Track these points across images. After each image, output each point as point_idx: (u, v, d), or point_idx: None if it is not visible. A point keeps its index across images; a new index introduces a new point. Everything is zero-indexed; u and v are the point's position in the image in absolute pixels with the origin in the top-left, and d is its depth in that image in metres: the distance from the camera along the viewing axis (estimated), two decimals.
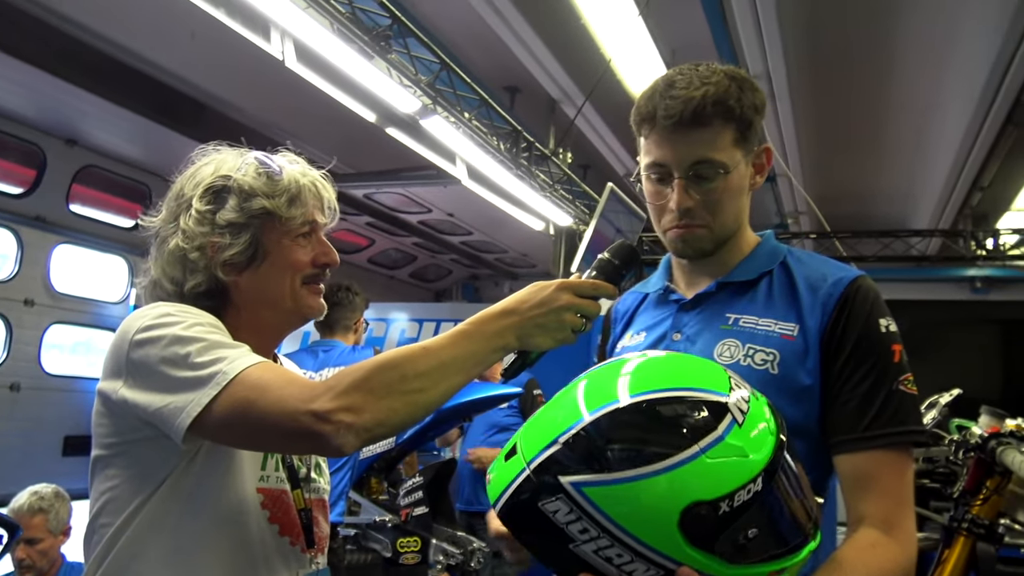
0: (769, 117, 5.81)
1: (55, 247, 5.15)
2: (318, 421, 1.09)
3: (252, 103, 5.03)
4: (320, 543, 1.42)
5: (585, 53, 5.02)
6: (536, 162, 5.70)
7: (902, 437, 1.22)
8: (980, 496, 2.56)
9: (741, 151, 1.29)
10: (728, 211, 1.32)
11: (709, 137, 1.26)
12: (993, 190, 7.18)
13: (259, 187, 1.34)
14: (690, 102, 1.23)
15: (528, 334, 1.18)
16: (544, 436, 1.02)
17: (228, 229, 1.33)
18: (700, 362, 1.10)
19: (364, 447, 1.20)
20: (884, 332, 1.26)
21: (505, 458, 1.06)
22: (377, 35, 3.79)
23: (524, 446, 1.04)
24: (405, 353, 1.16)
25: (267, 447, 1.28)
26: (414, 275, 9.23)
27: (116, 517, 1.25)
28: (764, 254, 1.38)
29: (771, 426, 1.01)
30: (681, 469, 0.94)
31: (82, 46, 4.17)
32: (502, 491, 1.03)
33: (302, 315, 1.42)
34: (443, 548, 3.88)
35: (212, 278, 1.34)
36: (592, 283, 1.22)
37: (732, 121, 1.26)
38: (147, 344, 1.20)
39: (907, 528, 1.20)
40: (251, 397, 1.13)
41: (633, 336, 1.46)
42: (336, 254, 1.44)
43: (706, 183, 1.28)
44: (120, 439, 1.26)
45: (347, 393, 1.10)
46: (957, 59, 5.23)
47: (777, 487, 0.98)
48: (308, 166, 1.45)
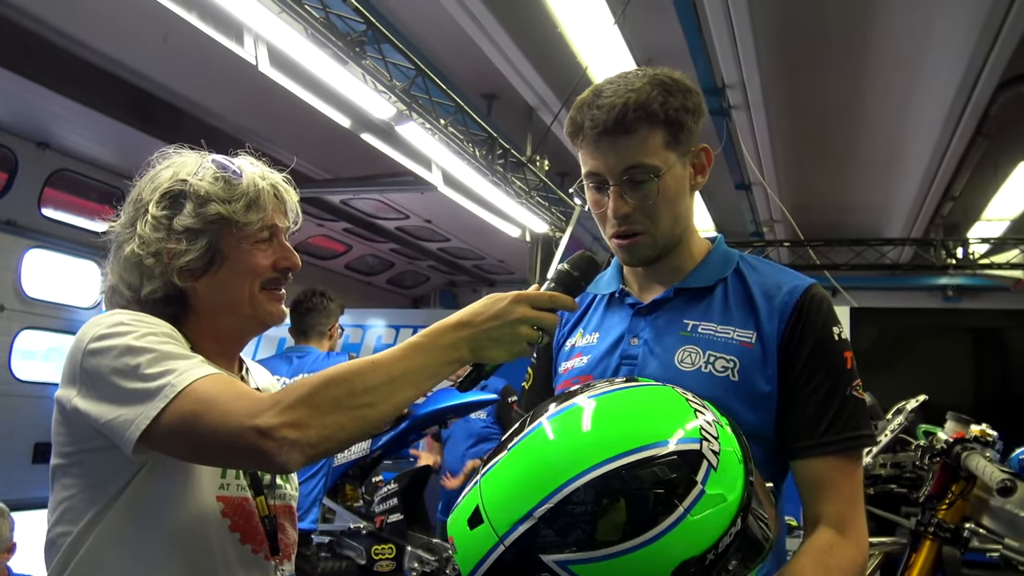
0: (744, 126, 5.89)
1: (26, 251, 5.09)
2: (261, 437, 1.07)
3: (228, 108, 5.01)
4: (286, 550, 1.41)
5: (562, 61, 5.04)
6: (512, 169, 5.71)
7: (855, 442, 1.27)
8: (946, 500, 2.60)
9: (675, 153, 1.30)
10: (667, 214, 1.32)
11: (636, 143, 1.27)
12: (964, 200, 7.27)
13: (216, 192, 1.33)
14: (612, 110, 1.26)
15: (482, 347, 1.17)
16: (514, 506, 0.97)
17: (184, 235, 1.31)
18: (659, 395, 1.07)
19: (309, 464, 1.17)
20: (837, 340, 1.29)
21: (469, 524, 1.00)
22: (352, 40, 3.78)
23: (491, 514, 0.99)
24: (353, 368, 1.14)
25: (213, 461, 1.25)
26: (391, 281, 9.21)
27: (74, 526, 1.24)
28: (718, 260, 1.40)
29: (735, 449, 1.00)
30: (669, 535, 0.92)
31: (54, 48, 4.14)
32: (475, 565, 0.99)
33: (261, 321, 1.40)
34: (418, 555, 3.88)
35: (169, 284, 1.32)
36: (549, 295, 1.21)
37: (658, 125, 1.28)
38: (99, 354, 1.19)
39: (859, 527, 1.25)
40: (197, 411, 1.11)
41: (585, 336, 1.45)
42: (297, 258, 1.42)
43: (640, 188, 1.29)
44: (76, 448, 1.25)
45: (292, 408, 1.08)
46: (929, 72, 5.31)
47: (753, 515, 0.98)
48: (269, 169, 1.43)
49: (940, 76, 5.21)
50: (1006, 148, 6.11)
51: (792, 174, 7.19)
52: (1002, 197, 7.33)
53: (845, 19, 4.96)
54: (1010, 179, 6.86)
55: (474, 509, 1.01)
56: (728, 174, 6.78)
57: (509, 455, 1.04)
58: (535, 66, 5.16)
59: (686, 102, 1.30)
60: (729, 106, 5.61)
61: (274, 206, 1.39)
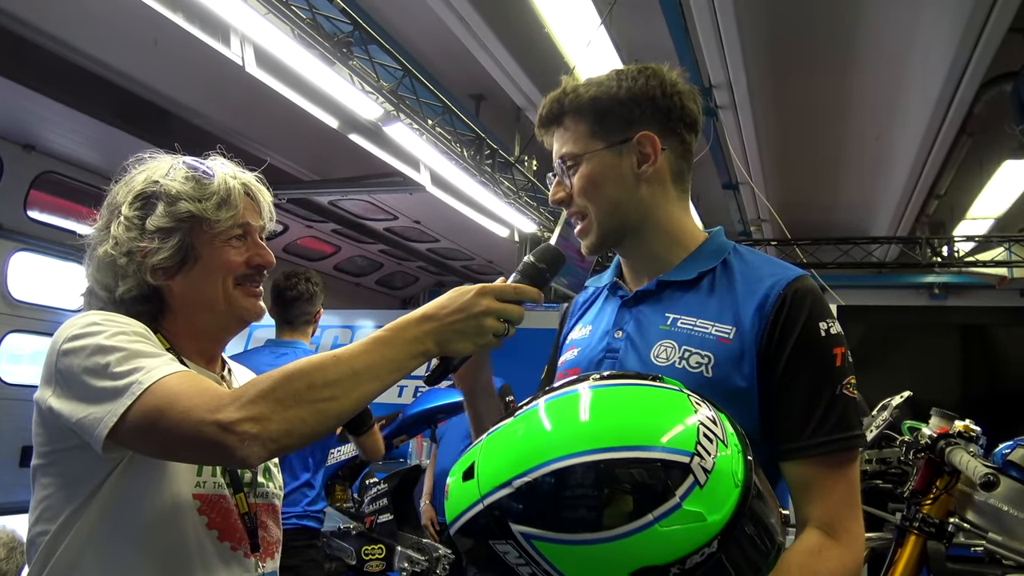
0: (731, 126, 5.92)
1: (12, 254, 5.06)
2: (222, 432, 1.07)
3: (215, 109, 4.99)
4: (268, 548, 1.41)
5: (549, 61, 5.05)
6: (500, 169, 5.72)
7: (845, 443, 1.20)
8: (930, 496, 2.62)
9: (602, 141, 1.32)
10: (599, 200, 1.33)
11: (562, 133, 1.36)
12: (949, 198, 7.34)
13: (186, 191, 1.34)
14: (543, 107, 1.37)
15: (447, 340, 1.17)
16: (501, 470, 0.99)
17: (157, 234, 1.32)
18: (659, 397, 1.04)
19: (272, 458, 1.17)
20: (823, 335, 1.22)
21: (463, 476, 1.03)
22: (338, 41, 3.78)
23: (481, 471, 1.01)
24: (315, 362, 1.14)
25: (177, 457, 1.23)
26: (380, 282, 9.20)
27: (51, 525, 1.24)
28: (708, 252, 1.36)
29: (735, 472, 0.97)
30: (632, 538, 0.92)
31: (39, 50, 4.12)
32: (457, 515, 1.02)
33: (238, 317, 1.40)
34: (408, 555, 3.87)
35: (143, 283, 1.33)
36: (514, 287, 1.22)
37: (581, 115, 1.33)
38: (72, 354, 1.20)
39: (853, 529, 1.19)
40: (161, 407, 1.12)
41: (582, 329, 1.46)
42: (271, 256, 1.43)
43: (568, 175, 1.35)
44: (52, 447, 1.25)
45: (253, 403, 1.09)
46: (913, 71, 5.35)
47: (735, 540, 0.95)
48: (240, 169, 1.44)
49: (924, 76, 5.26)
50: (990, 146, 6.17)
51: (779, 173, 7.24)
52: (987, 195, 7.40)
53: (831, 20, 5.00)
54: (994, 177, 6.92)
55: (470, 464, 1.04)
56: (716, 174, 6.81)
57: (512, 423, 1.06)
58: (522, 66, 5.18)
59: (618, 92, 1.32)
60: (716, 106, 5.64)
61: (246, 204, 1.40)
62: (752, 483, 0.97)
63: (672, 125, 1.34)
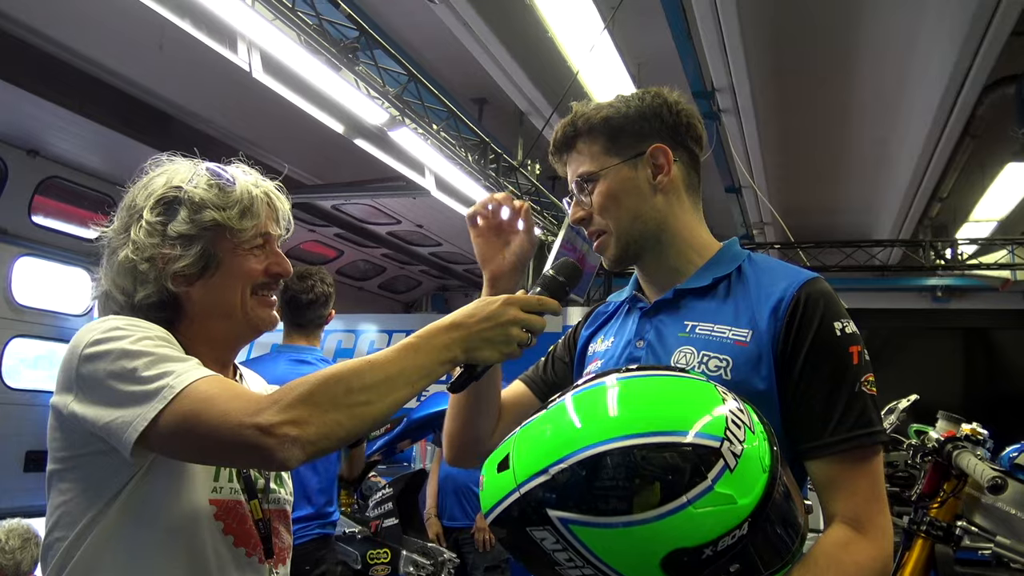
0: (733, 130, 5.93)
1: (16, 259, 5.07)
2: (262, 435, 1.08)
3: (219, 114, 5.00)
4: (280, 554, 1.42)
5: (552, 65, 5.07)
6: (504, 173, 5.73)
7: (866, 439, 1.22)
8: (938, 499, 2.62)
9: (617, 157, 1.38)
10: (619, 214, 1.39)
11: (576, 156, 1.42)
12: (952, 201, 7.35)
13: (210, 199, 1.34)
14: (556, 133, 1.43)
15: (475, 347, 1.20)
16: (536, 459, 1.02)
17: (179, 241, 1.33)
18: (687, 386, 1.08)
19: (309, 461, 1.18)
20: (839, 335, 1.25)
21: (498, 468, 1.06)
22: (344, 47, 3.80)
23: (516, 462, 1.04)
24: (351, 367, 1.16)
25: (213, 460, 1.26)
26: (383, 286, 9.20)
27: (70, 531, 1.24)
28: (723, 260, 1.40)
29: (762, 457, 1.00)
30: (667, 520, 0.95)
31: (44, 56, 4.13)
32: (493, 505, 1.05)
33: (253, 327, 1.41)
34: (413, 559, 3.87)
35: (162, 289, 1.33)
36: (538, 299, 1.26)
37: (595, 134, 1.39)
38: (96, 359, 1.20)
39: (880, 524, 1.21)
40: (197, 410, 1.13)
41: (604, 342, 1.49)
42: (289, 265, 1.44)
43: (589, 193, 1.41)
44: (72, 453, 1.25)
45: (292, 407, 1.10)
46: (915, 74, 5.36)
47: (763, 526, 0.98)
48: (262, 177, 1.45)
49: (927, 79, 5.26)
50: (993, 149, 6.17)
51: (781, 177, 7.24)
52: (989, 198, 7.41)
53: (833, 23, 5.01)
54: (997, 180, 6.93)
55: (505, 455, 1.07)
56: (718, 178, 6.82)
57: (545, 415, 1.10)
58: (526, 71, 5.19)
59: (627, 110, 1.39)
60: (719, 110, 5.65)
61: (267, 213, 1.41)
62: (779, 470, 1.01)
63: (680, 138, 1.41)
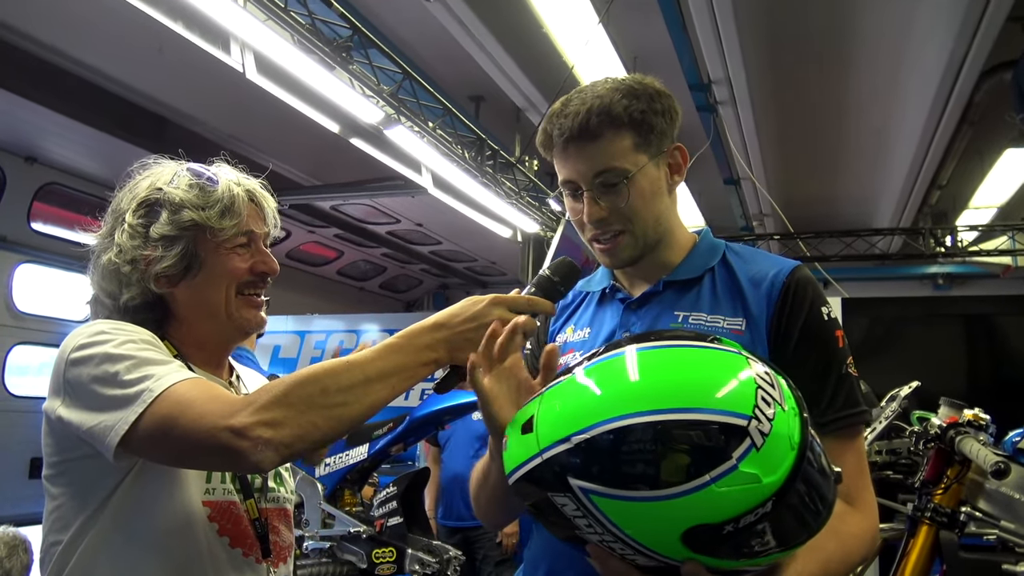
0: (731, 121, 5.91)
1: (17, 266, 5.09)
2: (235, 437, 1.07)
3: (216, 117, 5.01)
4: (280, 553, 1.41)
5: (548, 61, 5.06)
6: (501, 170, 5.73)
7: (854, 419, 1.28)
8: (941, 485, 2.62)
9: (645, 155, 1.32)
10: (645, 215, 1.34)
11: (603, 147, 1.30)
12: (951, 188, 7.32)
13: (190, 199, 1.34)
14: (576, 118, 1.29)
15: (458, 348, 1.17)
16: (560, 424, 1.01)
17: (160, 242, 1.33)
18: (714, 358, 1.05)
19: (283, 463, 1.17)
20: (827, 319, 1.30)
21: (522, 429, 1.05)
22: (338, 46, 3.79)
23: (540, 426, 1.03)
24: (328, 367, 1.14)
25: (191, 463, 1.24)
26: (384, 286, 9.22)
27: (64, 535, 1.25)
28: (704, 251, 1.41)
29: (791, 434, 0.98)
30: (688, 497, 0.94)
31: (40, 62, 4.13)
32: (516, 466, 1.04)
33: (239, 327, 1.40)
34: (419, 558, 3.86)
35: (146, 291, 1.33)
36: (527, 299, 1.22)
37: (624, 128, 1.30)
38: (81, 363, 1.20)
39: (867, 498, 1.27)
40: (174, 414, 1.12)
41: (577, 332, 1.47)
42: (275, 263, 1.43)
43: (613, 191, 1.31)
44: (62, 457, 1.26)
45: (266, 408, 1.09)
46: (912, 62, 5.35)
47: (788, 503, 0.97)
48: (245, 176, 1.44)
49: (924, 65, 5.25)
50: (991, 135, 6.15)
51: (780, 168, 7.23)
52: (989, 184, 7.38)
53: (829, 12, 5.00)
54: (996, 166, 6.91)
55: (530, 418, 1.05)
56: (717, 169, 6.81)
57: (570, 380, 1.07)
58: (521, 67, 5.18)
59: (653, 104, 1.32)
60: (716, 102, 5.64)
61: (250, 212, 1.40)
62: (808, 444, 0.99)
63: (676, 134, 1.39)
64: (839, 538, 1.18)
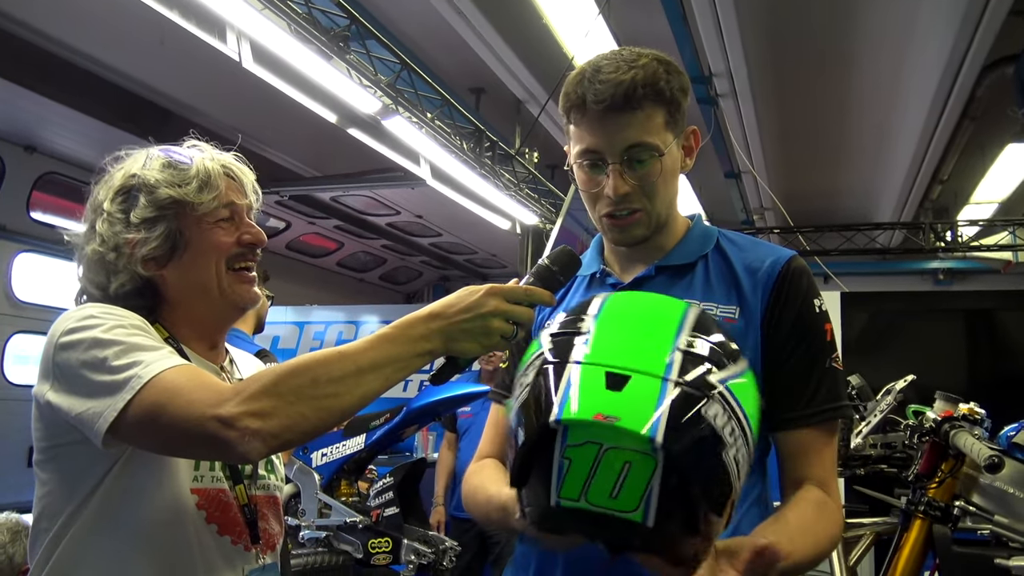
0: (732, 115, 5.90)
1: (16, 255, 5.09)
2: (223, 427, 1.06)
3: (216, 108, 5.01)
4: (269, 540, 1.41)
5: (548, 53, 5.04)
6: (500, 161, 5.72)
7: (835, 412, 1.29)
8: (935, 479, 2.61)
9: (672, 133, 1.29)
10: (663, 195, 1.32)
11: (641, 120, 1.25)
12: (952, 183, 7.30)
13: (165, 179, 1.33)
14: (620, 85, 1.22)
15: (454, 339, 1.14)
16: (650, 351, 0.93)
17: (142, 225, 1.32)
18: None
19: (272, 454, 1.15)
20: (818, 312, 1.31)
21: (612, 388, 0.89)
22: (335, 35, 3.78)
23: (635, 363, 0.91)
24: (319, 357, 1.12)
25: (178, 452, 1.23)
26: (384, 278, 9.22)
27: (53, 522, 1.24)
28: (697, 237, 1.39)
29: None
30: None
31: (40, 52, 4.13)
32: (652, 417, 0.86)
33: (232, 303, 1.39)
34: (414, 548, 3.88)
35: (135, 276, 1.32)
36: (525, 289, 1.18)
37: (662, 103, 1.26)
38: (69, 348, 1.19)
39: (836, 488, 1.31)
40: (161, 401, 1.10)
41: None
42: (262, 233, 1.41)
43: (640, 167, 1.27)
44: (52, 443, 1.25)
45: (255, 398, 1.07)
46: (914, 56, 5.33)
47: None
48: (218, 151, 1.43)
49: (926, 60, 5.23)
50: (992, 130, 6.13)
51: (781, 161, 7.22)
52: (990, 179, 7.36)
53: (830, 6, 4.98)
54: (997, 161, 6.89)
55: (604, 376, 0.91)
56: (718, 163, 6.79)
57: (600, 325, 1.00)
58: (521, 59, 5.17)
59: (682, 82, 1.29)
60: (716, 95, 5.62)
61: (228, 184, 1.38)
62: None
63: None
64: (825, 518, 1.23)
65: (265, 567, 1.38)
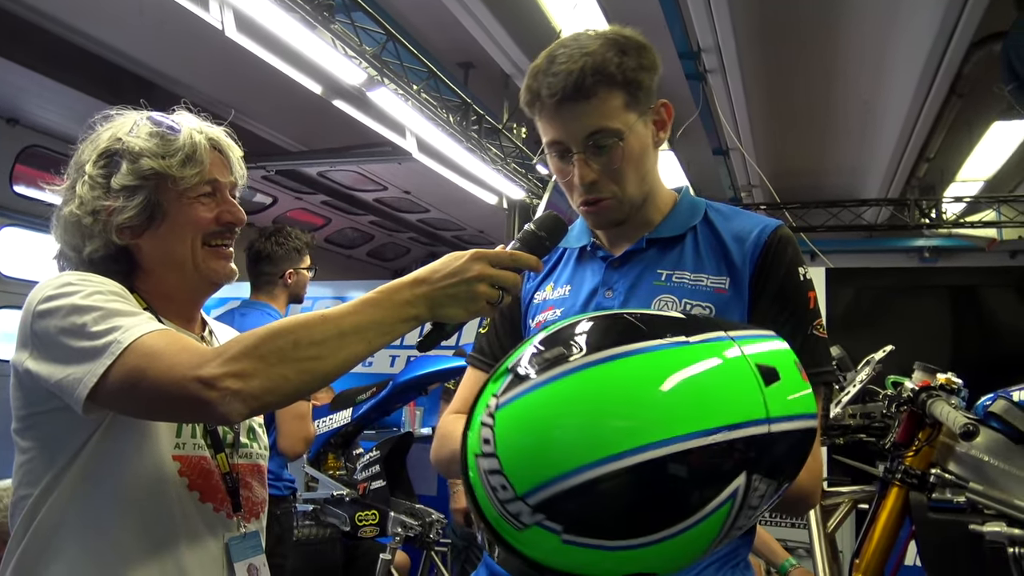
0: (720, 91, 5.88)
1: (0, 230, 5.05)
2: (204, 387, 1.06)
3: (200, 80, 4.96)
4: (252, 508, 1.42)
5: (537, 27, 5.01)
6: (487, 135, 5.70)
7: (818, 378, 1.28)
8: (912, 448, 2.64)
9: (635, 113, 1.30)
10: (633, 176, 1.32)
11: (596, 107, 1.26)
12: (939, 161, 7.32)
13: (149, 148, 1.32)
14: (570, 76, 1.24)
15: (439, 304, 1.14)
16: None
17: (121, 192, 1.31)
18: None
19: (253, 415, 1.16)
20: (802, 280, 1.33)
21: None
22: (319, 5, 3.75)
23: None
24: (301, 320, 1.12)
25: (160, 415, 1.23)
26: (372, 254, 9.20)
27: (34, 488, 1.25)
28: (685, 210, 1.41)
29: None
30: None
31: (21, 22, 4.08)
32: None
33: (206, 278, 1.39)
34: (401, 520, 3.91)
35: (109, 243, 1.32)
36: (510, 253, 1.19)
37: (617, 86, 1.27)
38: (48, 315, 1.19)
39: (819, 453, 1.31)
40: (142, 365, 1.11)
41: (556, 289, 1.46)
42: (242, 212, 1.41)
43: (604, 152, 1.29)
44: (31, 411, 1.26)
45: (236, 359, 1.07)
46: (902, 33, 5.32)
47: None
48: (208, 124, 1.42)
49: (913, 37, 5.22)
50: (980, 108, 6.15)
51: (769, 138, 7.21)
52: (976, 157, 7.39)
53: None
54: (984, 139, 6.91)
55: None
56: (706, 139, 6.79)
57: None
58: (509, 32, 5.13)
59: (641, 60, 1.29)
60: (705, 70, 5.60)
61: (213, 160, 1.38)
62: None
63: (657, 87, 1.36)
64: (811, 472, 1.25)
65: (246, 535, 1.39)
